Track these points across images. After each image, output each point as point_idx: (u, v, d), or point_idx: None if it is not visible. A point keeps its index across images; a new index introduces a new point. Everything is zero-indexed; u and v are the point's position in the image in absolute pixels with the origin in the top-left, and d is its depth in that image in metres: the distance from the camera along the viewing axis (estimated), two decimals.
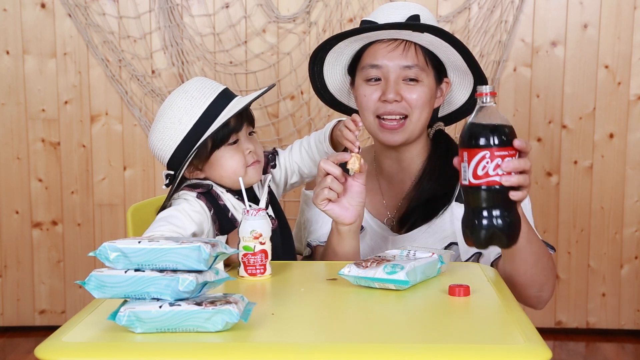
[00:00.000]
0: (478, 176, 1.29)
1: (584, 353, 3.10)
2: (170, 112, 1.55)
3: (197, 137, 1.53)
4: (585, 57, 3.07)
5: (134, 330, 1.05)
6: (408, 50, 1.64)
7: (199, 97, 1.54)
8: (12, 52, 3.11)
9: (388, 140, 1.67)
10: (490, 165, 1.28)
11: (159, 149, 1.57)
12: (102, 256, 1.08)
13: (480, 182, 1.29)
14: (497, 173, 1.28)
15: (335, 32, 3.04)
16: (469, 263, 1.56)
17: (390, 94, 1.62)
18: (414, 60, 1.64)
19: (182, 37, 3.07)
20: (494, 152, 1.27)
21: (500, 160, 1.28)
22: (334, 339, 1.07)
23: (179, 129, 1.54)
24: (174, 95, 1.58)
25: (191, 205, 1.54)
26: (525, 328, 1.08)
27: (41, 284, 3.24)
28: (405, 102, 1.64)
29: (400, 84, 1.64)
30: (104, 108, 3.15)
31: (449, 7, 3.04)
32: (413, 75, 1.64)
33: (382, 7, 1.71)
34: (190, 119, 1.53)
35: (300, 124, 3.08)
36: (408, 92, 1.64)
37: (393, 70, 1.64)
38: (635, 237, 3.15)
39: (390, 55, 1.64)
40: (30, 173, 3.18)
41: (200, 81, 1.58)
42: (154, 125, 1.58)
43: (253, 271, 1.41)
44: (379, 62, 1.65)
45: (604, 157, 3.11)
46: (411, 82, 1.64)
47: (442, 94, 1.73)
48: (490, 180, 1.29)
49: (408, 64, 1.64)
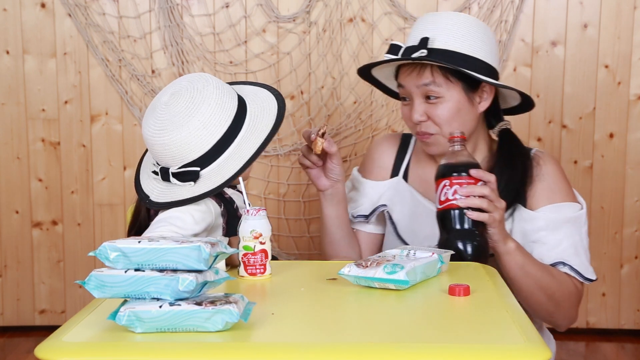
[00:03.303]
0: (441, 202, 1.55)
1: (584, 353, 3.10)
2: (208, 109, 1.50)
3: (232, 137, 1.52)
4: (585, 57, 3.07)
5: (134, 330, 1.05)
6: (423, 71, 1.71)
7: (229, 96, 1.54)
8: (12, 52, 3.11)
9: (428, 151, 1.80)
10: (450, 191, 1.53)
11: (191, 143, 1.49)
12: (102, 256, 1.08)
13: (443, 207, 1.55)
14: (455, 197, 1.53)
15: (335, 32, 3.05)
16: (469, 263, 1.56)
17: (415, 115, 1.73)
18: (429, 78, 1.70)
19: (182, 37, 3.07)
20: (452, 180, 1.53)
21: (458, 187, 1.53)
22: (334, 339, 1.07)
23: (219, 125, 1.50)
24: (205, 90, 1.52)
25: (196, 204, 1.53)
26: (525, 328, 1.08)
27: (41, 284, 3.24)
28: (430, 122, 1.73)
29: (425, 103, 1.73)
30: (104, 108, 3.14)
31: (448, 7, 3.04)
32: (431, 93, 1.71)
33: (415, 24, 1.79)
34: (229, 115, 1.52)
35: (300, 124, 3.08)
36: (432, 110, 1.72)
37: (414, 90, 1.73)
38: (635, 237, 3.15)
39: (409, 78, 1.74)
40: (30, 173, 3.18)
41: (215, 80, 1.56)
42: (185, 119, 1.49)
43: (253, 271, 1.41)
44: (402, 82, 1.76)
45: (604, 157, 3.11)
46: (433, 99, 1.71)
47: (483, 98, 1.76)
48: (450, 203, 1.54)
49: (424, 82, 1.71)
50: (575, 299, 1.74)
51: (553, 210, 1.72)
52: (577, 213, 1.74)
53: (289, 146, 3.05)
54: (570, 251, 1.71)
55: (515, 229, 1.72)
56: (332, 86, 3.07)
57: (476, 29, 1.73)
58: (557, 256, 1.70)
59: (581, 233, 1.74)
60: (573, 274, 1.71)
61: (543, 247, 1.70)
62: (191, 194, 1.52)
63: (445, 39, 1.70)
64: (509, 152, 1.78)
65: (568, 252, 1.70)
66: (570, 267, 1.70)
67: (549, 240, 1.70)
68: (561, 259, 1.70)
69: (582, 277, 1.72)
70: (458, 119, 1.72)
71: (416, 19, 1.90)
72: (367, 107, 3.07)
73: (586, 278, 1.72)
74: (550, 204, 1.72)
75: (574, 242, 1.72)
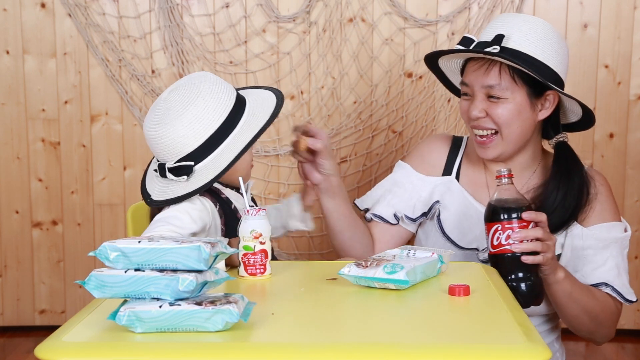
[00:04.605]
0: (494, 246, 1.53)
1: (584, 353, 3.10)
2: (203, 102, 1.52)
3: (226, 133, 1.53)
4: (585, 57, 3.07)
5: (134, 330, 1.05)
6: (492, 69, 1.70)
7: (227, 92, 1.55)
8: (12, 52, 3.11)
9: (482, 155, 1.77)
10: (502, 236, 1.52)
11: (185, 136, 1.51)
12: (102, 256, 1.08)
13: (496, 251, 1.53)
14: (508, 242, 1.51)
15: (335, 32, 3.05)
16: (469, 263, 1.56)
17: (474, 111, 1.72)
18: (496, 79, 1.69)
19: (182, 37, 3.07)
20: (504, 225, 1.51)
21: (511, 231, 1.51)
22: (334, 339, 1.07)
23: (213, 119, 1.52)
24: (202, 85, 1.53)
25: (192, 203, 1.53)
26: (525, 328, 1.08)
27: (41, 284, 3.24)
28: (489, 118, 1.72)
29: (486, 101, 1.71)
30: (104, 108, 3.14)
31: (449, 7, 3.04)
32: (495, 94, 1.70)
33: (492, 22, 1.78)
34: (224, 110, 1.53)
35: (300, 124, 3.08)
36: (492, 109, 1.71)
37: (477, 88, 1.72)
38: (635, 237, 3.15)
39: (475, 74, 1.72)
40: (30, 173, 3.18)
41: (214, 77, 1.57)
42: (179, 113, 1.51)
43: (253, 271, 1.41)
44: (467, 79, 1.74)
45: (604, 157, 3.11)
46: (495, 99, 1.70)
47: (544, 107, 1.74)
48: (504, 248, 1.52)
49: (490, 84, 1.70)
50: (615, 319, 1.81)
51: (604, 229, 1.75)
52: (623, 234, 1.77)
53: (289, 146, 3.04)
54: (614, 272, 1.75)
55: (566, 244, 1.75)
56: (332, 86, 3.07)
57: (552, 37, 1.71)
58: (600, 276, 1.74)
59: (624, 254, 1.78)
60: (615, 294, 1.76)
61: (589, 265, 1.74)
62: (185, 191, 1.52)
63: (520, 39, 1.69)
64: (566, 168, 1.76)
65: (612, 274, 1.75)
66: (612, 289, 1.75)
67: (596, 259, 1.74)
68: (605, 280, 1.75)
69: (623, 298, 1.77)
70: (517, 121, 1.71)
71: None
72: (367, 107, 3.07)
73: (627, 299, 1.77)
74: (602, 223, 1.75)
75: (617, 263, 1.75)
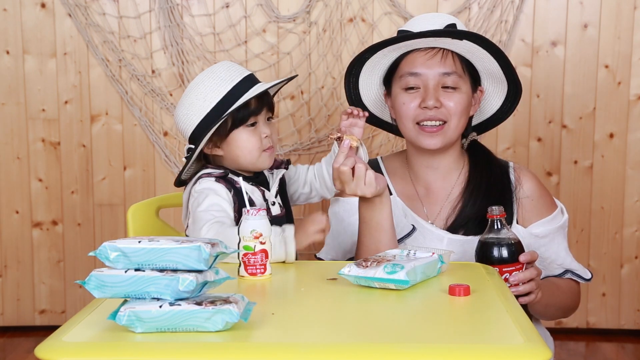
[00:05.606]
0: None
1: (584, 353, 3.10)
2: (197, 90, 1.66)
3: (218, 115, 1.62)
4: (585, 57, 3.07)
5: (134, 330, 1.05)
6: (446, 57, 1.67)
7: (226, 78, 1.64)
8: (12, 52, 3.11)
9: (427, 144, 1.69)
10: None
11: (183, 122, 1.67)
12: (102, 256, 1.08)
13: None
14: None
15: (335, 32, 3.05)
16: (469, 263, 1.56)
17: (430, 100, 1.65)
18: (452, 67, 1.67)
19: (182, 37, 3.07)
20: (502, 268, 1.52)
21: (508, 274, 1.52)
22: (334, 339, 1.07)
23: (203, 105, 1.64)
24: (203, 74, 1.68)
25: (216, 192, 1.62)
26: (525, 328, 1.08)
27: (41, 284, 3.24)
28: (444, 109, 1.67)
29: (439, 91, 1.67)
30: (104, 108, 3.14)
31: (449, 7, 3.04)
32: (451, 83, 1.67)
33: (417, 18, 1.75)
34: (215, 97, 1.63)
35: (300, 123, 3.08)
36: (447, 99, 1.67)
37: (432, 77, 1.67)
38: (635, 237, 3.15)
39: (428, 63, 1.67)
40: (30, 173, 3.18)
41: (228, 64, 1.68)
42: (181, 100, 1.69)
43: (253, 271, 1.41)
44: (418, 70, 1.68)
45: (604, 157, 3.11)
46: (449, 89, 1.67)
47: (476, 102, 1.75)
48: None
49: (447, 71, 1.67)
50: (579, 298, 1.85)
51: (546, 224, 1.76)
52: (562, 220, 1.79)
53: (289, 146, 3.05)
54: (568, 258, 1.79)
55: None
56: (332, 86, 3.07)
57: None
58: (561, 265, 1.77)
59: (565, 234, 1.80)
60: (575, 277, 1.80)
61: (544, 262, 1.75)
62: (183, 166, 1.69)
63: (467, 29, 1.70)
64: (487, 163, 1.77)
65: (567, 260, 1.78)
66: (572, 273, 1.79)
67: (549, 253, 1.76)
68: (566, 267, 1.78)
69: (582, 279, 1.81)
70: (465, 114, 1.71)
71: None
72: None
73: (585, 279, 1.81)
74: (540, 219, 1.76)
75: (565, 247, 1.79)
